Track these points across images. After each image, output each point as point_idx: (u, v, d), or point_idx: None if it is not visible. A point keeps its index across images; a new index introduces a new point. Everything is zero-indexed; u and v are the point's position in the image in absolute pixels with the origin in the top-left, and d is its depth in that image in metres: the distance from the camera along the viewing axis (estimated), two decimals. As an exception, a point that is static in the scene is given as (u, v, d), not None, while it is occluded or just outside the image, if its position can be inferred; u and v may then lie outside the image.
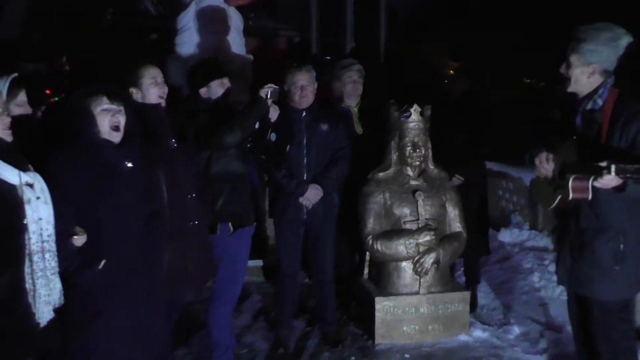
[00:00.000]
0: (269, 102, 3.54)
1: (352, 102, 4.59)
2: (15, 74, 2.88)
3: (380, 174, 4.31)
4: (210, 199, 3.44)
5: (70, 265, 2.54)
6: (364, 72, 4.65)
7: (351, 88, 4.57)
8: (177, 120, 3.37)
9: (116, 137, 2.79)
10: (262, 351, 4.09)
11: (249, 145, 3.61)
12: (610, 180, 2.53)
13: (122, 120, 2.80)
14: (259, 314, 4.68)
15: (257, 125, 3.59)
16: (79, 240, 2.58)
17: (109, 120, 2.76)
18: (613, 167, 2.45)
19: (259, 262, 5.31)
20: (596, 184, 2.60)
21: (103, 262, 2.65)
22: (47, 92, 5.90)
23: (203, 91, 3.68)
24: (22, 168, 2.31)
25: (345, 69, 4.59)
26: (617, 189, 2.60)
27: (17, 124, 2.57)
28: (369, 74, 4.76)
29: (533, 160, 3.05)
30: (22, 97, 2.95)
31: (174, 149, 3.22)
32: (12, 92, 2.82)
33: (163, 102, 3.31)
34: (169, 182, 3.11)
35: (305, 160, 4.03)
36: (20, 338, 2.23)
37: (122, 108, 2.80)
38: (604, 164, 2.48)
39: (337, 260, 4.28)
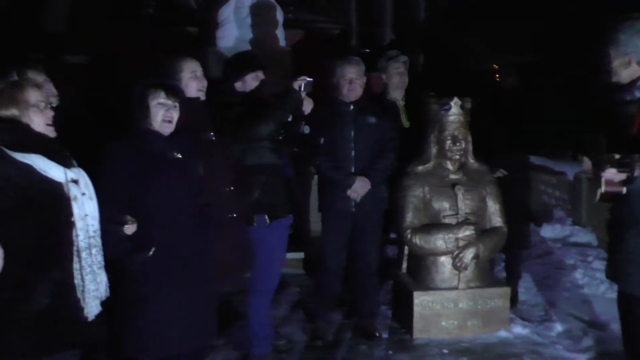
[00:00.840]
0: (303, 94, 3.54)
1: (398, 95, 4.57)
2: (19, 61, 2.93)
3: (419, 168, 4.27)
4: (246, 191, 3.47)
5: (121, 252, 2.61)
6: (408, 64, 4.62)
7: (398, 80, 4.54)
8: (214, 113, 3.40)
9: (167, 130, 2.86)
10: (299, 343, 4.11)
11: (281, 138, 3.62)
12: (612, 174, 2.49)
13: (175, 116, 2.87)
14: (297, 306, 4.71)
15: (290, 118, 3.61)
16: (130, 228, 2.63)
17: (162, 114, 2.83)
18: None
19: (299, 255, 5.34)
20: (604, 175, 2.56)
21: (153, 249, 2.71)
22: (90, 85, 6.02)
23: (238, 84, 3.70)
24: (67, 164, 2.33)
25: (391, 60, 4.56)
26: (625, 183, 2.55)
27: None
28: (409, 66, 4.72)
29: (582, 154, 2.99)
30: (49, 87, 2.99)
31: (212, 142, 3.26)
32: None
33: (202, 96, 3.35)
34: (207, 175, 3.15)
35: (352, 153, 4.03)
36: (69, 332, 2.28)
37: (177, 105, 2.87)
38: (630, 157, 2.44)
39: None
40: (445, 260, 4.16)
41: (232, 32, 6.00)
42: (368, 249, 4.18)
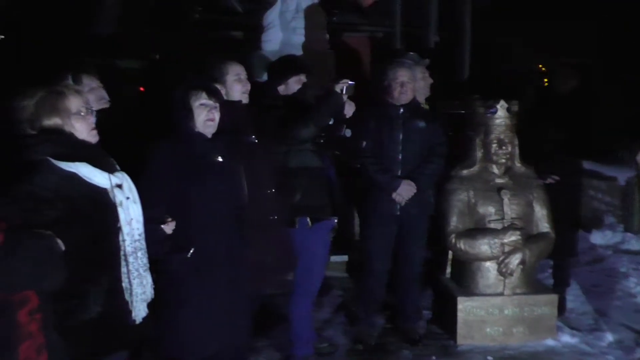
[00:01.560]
0: (344, 97, 3.54)
1: (421, 98, 4.52)
2: (74, 66, 2.97)
3: (464, 171, 4.21)
4: (288, 193, 3.49)
5: (159, 252, 2.62)
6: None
7: (422, 85, 4.49)
8: (257, 116, 3.43)
9: (210, 131, 2.90)
10: (342, 346, 4.11)
11: (322, 141, 3.63)
12: None
13: (216, 116, 2.91)
14: (339, 309, 4.70)
15: (331, 121, 3.61)
16: (168, 227, 2.67)
17: (204, 115, 2.87)
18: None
19: (343, 258, 5.33)
20: None
21: (192, 251, 2.75)
22: (141, 89, 6.16)
23: (281, 87, 3.73)
24: (110, 169, 2.29)
25: (415, 64, 4.51)
26: None
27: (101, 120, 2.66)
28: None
29: (633, 158, 2.90)
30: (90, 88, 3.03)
31: (254, 145, 3.29)
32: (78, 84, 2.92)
33: (245, 99, 3.39)
34: (249, 177, 3.18)
35: (400, 156, 4.00)
36: (119, 336, 2.30)
37: (218, 105, 2.91)
38: None
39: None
40: (490, 266, 4.09)
41: (277, 35, 6.04)
42: (413, 253, 4.14)
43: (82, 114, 2.27)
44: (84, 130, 2.28)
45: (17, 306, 1.72)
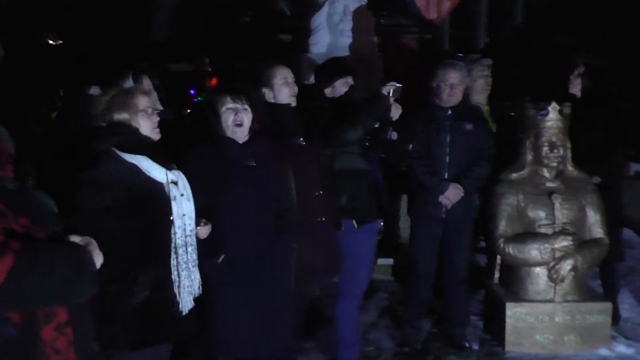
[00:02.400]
0: (391, 100, 3.53)
1: (482, 99, 4.45)
2: (136, 69, 3.08)
3: (514, 175, 4.14)
4: (334, 195, 3.50)
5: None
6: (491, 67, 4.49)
7: (482, 84, 4.43)
8: (304, 119, 3.46)
9: (239, 135, 2.91)
10: (387, 349, 4.09)
11: (367, 144, 3.62)
12: None
13: (245, 118, 2.91)
14: (385, 312, 4.68)
15: (377, 124, 3.60)
16: (203, 231, 2.72)
17: (232, 119, 2.89)
18: None
19: (388, 261, 5.31)
20: None
21: (222, 257, 2.79)
22: (192, 92, 6.30)
23: (328, 90, 3.74)
24: (167, 166, 2.45)
25: (474, 63, 4.45)
26: None
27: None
28: (503, 69, 4.59)
29: None
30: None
31: (302, 147, 3.31)
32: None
33: (293, 102, 3.41)
34: (297, 180, 3.20)
35: (447, 159, 3.97)
36: (166, 325, 2.40)
37: (247, 107, 2.91)
38: None
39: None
40: (540, 272, 4.00)
41: (325, 38, 6.07)
42: (458, 256, 4.09)
43: (148, 112, 2.48)
44: (147, 127, 2.47)
45: (42, 322, 1.62)
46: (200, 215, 2.62)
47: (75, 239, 1.73)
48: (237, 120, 2.89)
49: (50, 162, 2.46)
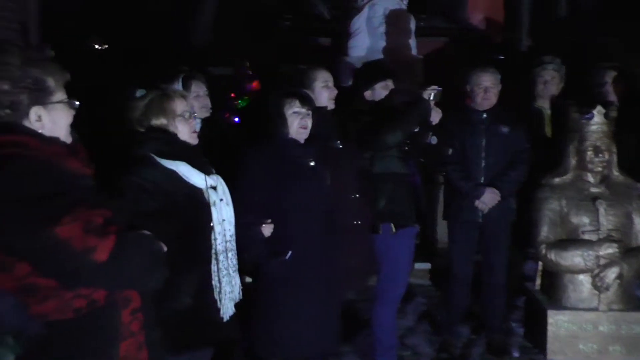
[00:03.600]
0: (432, 104, 3.50)
1: (544, 103, 4.39)
2: (185, 73, 3.13)
3: (556, 180, 4.05)
4: (372, 198, 3.49)
5: (260, 255, 2.73)
6: (563, 70, 4.42)
7: (542, 88, 4.37)
8: (342, 122, 3.47)
9: (302, 138, 2.98)
10: (425, 355, 4.06)
11: (406, 148, 3.60)
12: None
13: (309, 123, 2.98)
14: (423, 317, 4.65)
15: (417, 128, 3.58)
16: (266, 230, 2.75)
17: (298, 123, 2.95)
18: None
19: (426, 265, 5.28)
20: None
21: (290, 253, 2.81)
22: (232, 95, 6.36)
23: (367, 93, 3.74)
24: (206, 171, 2.44)
25: (538, 67, 4.39)
26: None
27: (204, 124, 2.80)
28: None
29: None
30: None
31: (339, 150, 3.32)
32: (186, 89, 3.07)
33: (332, 105, 3.43)
34: (334, 182, 3.22)
35: (483, 163, 3.93)
36: (207, 330, 2.41)
37: (310, 112, 2.98)
38: None
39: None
40: (583, 279, 3.91)
41: (364, 41, 6.08)
42: (496, 261, 4.04)
43: (186, 117, 2.46)
44: (185, 132, 2.46)
45: (121, 306, 1.77)
46: (262, 214, 2.64)
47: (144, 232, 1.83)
48: (302, 124, 2.96)
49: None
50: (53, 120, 1.72)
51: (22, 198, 1.55)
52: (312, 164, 2.95)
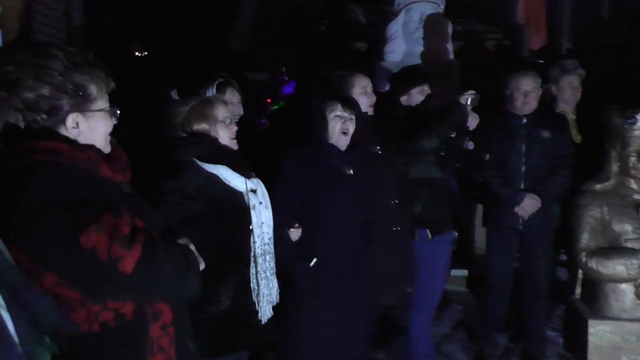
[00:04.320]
0: (469, 109, 3.47)
1: (568, 108, 4.30)
2: (221, 79, 3.16)
3: (598, 186, 3.96)
4: (409, 204, 3.47)
5: (286, 257, 2.73)
6: (583, 77, 4.33)
7: (570, 94, 4.28)
8: (380, 127, 3.46)
9: (343, 144, 2.96)
10: (461, 363, 4.02)
11: (442, 154, 3.57)
12: None
13: (351, 128, 2.96)
14: (459, 325, 4.60)
15: (454, 133, 3.55)
16: (295, 233, 2.76)
17: (339, 127, 2.94)
18: None
19: (463, 272, 5.22)
20: None
21: (315, 261, 2.81)
22: (268, 100, 6.44)
23: (403, 98, 3.72)
24: (246, 175, 2.47)
25: (566, 73, 4.30)
26: None
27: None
28: (586, 76, 4.42)
29: None
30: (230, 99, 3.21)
31: (378, 155, 3.31)
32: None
33: (371, 111, 3.42)
34: (373, 188, 3.21)
35: (523, 169, 3.86)
36: (246, 332, 2.43)
37: (353, 117, 2.96)
38: None
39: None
40: (626, 288, 3.81)
41: (400, 46, 6.04)
42: (536, 269, 3.96)
43: (227, 122, 2.51)
44: (226, 137, 2.51)
45: (150, 320, 1.68)
46: (295, 218, 2.65)
47: (182, 240, 1.79)
48: (343, 129, 2.94)
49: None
50: (91, 128, 1.67)
51: (49, 206, 1.50)
52: (350, 172, 2.92)
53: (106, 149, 1.72)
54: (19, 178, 1.52)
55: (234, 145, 2.55)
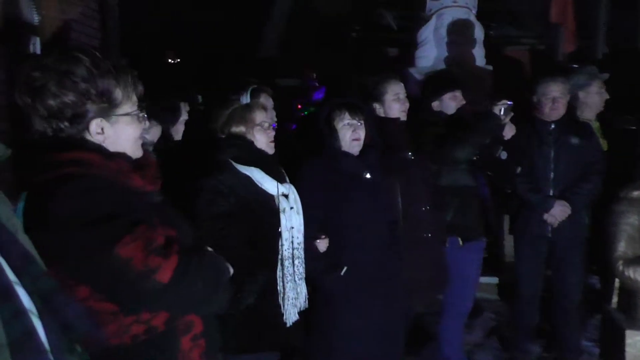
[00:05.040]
0: (503, 118, 3.42)
1: (591, 115, 4.21)
2: (255, 85, 3.23)
3: (635, 192, 3.85)
4: (440, 211, 3.44)
5: (316, 269, 2.73)
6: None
7: (597, 100, 4.19)
8: (412, 133, 3.44)
9: (355, 150, 2.95)
10: (493, 372, 3.96)
11: (475, 159, 3.53)
12: None
13: (362, 134, 2.95)
14: (491, 333, 4.53)
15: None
16: (321, 244, 2.76)
17: (350, 135, 2.93)
18: None
19: (493, 279, 5.15)
20: None
21: (345, 269, 2.81)
22: (299, 106, 6.46)
23: (435, 104, 3.70)
24: (280, 179, 2.53)
25: (592, 79, 4.22)
26: None
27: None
28: (623, 82, 4.33)
29: None
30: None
31: (410, 161, 3.29)
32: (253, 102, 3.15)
33: (403, 117, 3.41)
34: (404, 193, 3.19)
35: (552, 175, 3.79)
36: (270, 333, 2.46)
37: (362, 122, 2.95)
38: None
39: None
40: (665, 298, 3.71)
41: (431, 51, 6.02)
42: (568, 278, 3.87)
43: (264, 127, 2.59)
44: (263, 141, 2.58)
45: (182, 332, 1.65)
46: (317, 228, 2.66)
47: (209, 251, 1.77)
48: (355, 136, 2.93)
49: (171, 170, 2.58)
50: (117, 133, 1.63)
51: (81, 220, 1.46)
52: (367, 176, 2.91)
53: (136, 153, 1.69)
54: (49, 191, 1.49)
55: (271, 149, 2.62)
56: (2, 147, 1.25)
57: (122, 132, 1.64)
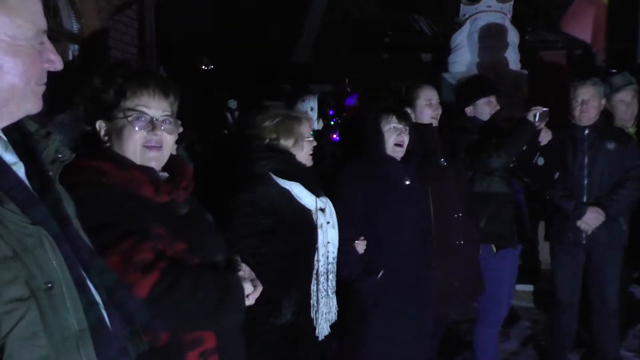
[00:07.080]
0: (538, 124, 3.37)
1: (626, 123, 4.10)
2: (317, 93, 3.14)
3: (676, 199, 3.76)
4: (474, 218, 3.40)
5: (354, 272, 2.72)
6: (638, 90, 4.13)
7: (623, 111, 4.08)
8: (447, 139, 3.41)
9: (398, 155, 2.94)
10: (529, 381, 3.89)
11: (511, 165, 3.48)
12: None
13: (406, 139, 2.94)
14: (527, 341, 4.45)
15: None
16: (360, 246, 2.75)
17: (394, 139, 2.91)
18: None
19: (529, 287, 5.07)
20: None
21: (381, 273, 2.79)
22: (331, 112, 6.46)
23: (469, 109, 3.66)
24: (317, 193, 2.46)
25: (615, 90, 4.10)
26: None
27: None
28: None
29: None
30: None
31: (443, 167, 3.26)
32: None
33: (435, 122, 3.39)
34: (437, 200, 3.16)
35: (585, 182, 3.71)
36: (303, 348, 2.42)
37: (407, 128, 2.94)
38: None
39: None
40: None
41: (465, 56, 5.97)
42: (606, 286, 3.76)
43: (310, 139, 2.50)
44: (306, 153, 2.49)
45: (188, 347, 1.61)
46: (356, 232, 2.64)
47: (244, 268, 1.73)
48: (399, 141, 2.92)
49: (209, 179, 2.50)
50: (119, 135, 1.65)
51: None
52: (407, 182, 2.90)
53: (143, 160, 1.67)
54: None
55: (309, 161, 2.53)
56: (67, 152, 1.30)
57: (124, 135, 1.65)
